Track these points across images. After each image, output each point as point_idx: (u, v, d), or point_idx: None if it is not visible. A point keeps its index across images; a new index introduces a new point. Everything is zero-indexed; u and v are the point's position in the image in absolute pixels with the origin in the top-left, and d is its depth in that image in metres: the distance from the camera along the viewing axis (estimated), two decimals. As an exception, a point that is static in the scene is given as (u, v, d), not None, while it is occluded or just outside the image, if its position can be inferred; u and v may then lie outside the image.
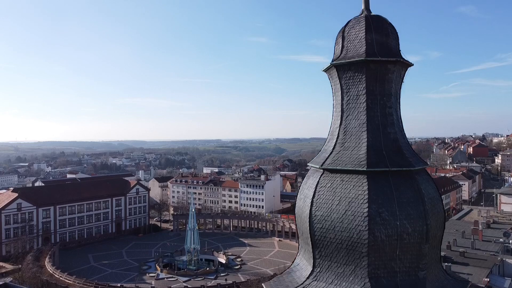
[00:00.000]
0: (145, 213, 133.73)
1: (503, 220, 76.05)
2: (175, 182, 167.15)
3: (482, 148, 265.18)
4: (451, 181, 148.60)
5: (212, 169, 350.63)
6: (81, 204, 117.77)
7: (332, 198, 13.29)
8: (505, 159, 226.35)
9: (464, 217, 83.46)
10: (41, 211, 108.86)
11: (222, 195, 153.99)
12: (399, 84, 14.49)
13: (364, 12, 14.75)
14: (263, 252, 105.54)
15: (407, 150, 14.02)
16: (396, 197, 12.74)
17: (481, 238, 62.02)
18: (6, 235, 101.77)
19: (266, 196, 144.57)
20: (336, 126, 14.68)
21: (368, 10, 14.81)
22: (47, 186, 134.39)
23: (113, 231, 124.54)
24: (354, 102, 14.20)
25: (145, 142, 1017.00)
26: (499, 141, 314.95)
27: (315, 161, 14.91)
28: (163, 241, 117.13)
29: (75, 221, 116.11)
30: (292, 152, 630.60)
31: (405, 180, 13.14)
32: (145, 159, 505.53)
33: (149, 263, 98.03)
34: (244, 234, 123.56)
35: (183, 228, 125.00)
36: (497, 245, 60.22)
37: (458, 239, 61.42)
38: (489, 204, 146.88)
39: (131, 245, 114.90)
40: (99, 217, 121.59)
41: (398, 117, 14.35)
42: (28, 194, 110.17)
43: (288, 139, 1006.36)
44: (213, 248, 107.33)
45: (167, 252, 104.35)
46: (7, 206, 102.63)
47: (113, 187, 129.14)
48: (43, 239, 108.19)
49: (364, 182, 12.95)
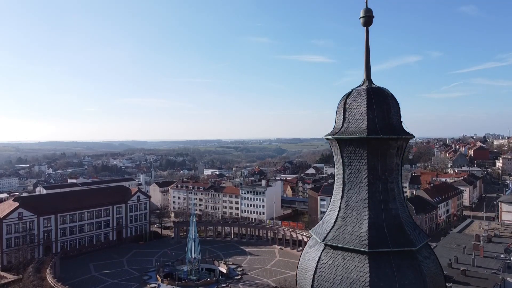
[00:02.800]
0: (146, 220, 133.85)
1: (504, 233, 75.97)
2: (176, 187, 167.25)
3: (483, 151, 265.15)
4: (452, 187, 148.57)
5: (213, 171, 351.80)
6: (82, 212, 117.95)
7: (333, 277, 13.27)
8: (506, 162, 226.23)
9: (465, 230, 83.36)
10: (42, 220, 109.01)
11: (222, 201, 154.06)
12: (400, 157, 14.47)
13: (366, 83, 14.72)
14: (263, 261, 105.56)
15: (409, 225, 13.98)
16: (397, 279, 12.71)
17: (482, 254, 61.94)
18: (7, 244, 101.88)
19: (267, 203, 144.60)
20: (337, 197, 14.67)
21: (369, 81, 14.78)
22: (48, 195, 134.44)
23: (114, 239, 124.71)
24: (355, 176, 14.17)
25: (145, 142, 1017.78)
26: (500, 143, 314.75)
27: (316, 231, 14.88)
28: (163, 249, 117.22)
29: (76, 230, 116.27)
30: (292, 153, 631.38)
31: (406, 261, 13.09)
32: (145, 160, 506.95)
33: (150, 272, 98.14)
34: (244, 242, 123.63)
35: (183, 235, 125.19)
36: (498, 262, 60.17)
37: (459, 256, 61.39)
38: (490, 209, 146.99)
39: (132, 254, 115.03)
40: (100, 225, 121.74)
41: (399, 190, 14.31)
42: (29, 203, 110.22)
43: (289, 139, 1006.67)
44: (214, 256, 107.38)
45: (168, 261, 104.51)
46: (8, 215, 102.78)
47: (114, 194, 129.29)
48: (44, 248, 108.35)
49: (365, 263, 12.92)
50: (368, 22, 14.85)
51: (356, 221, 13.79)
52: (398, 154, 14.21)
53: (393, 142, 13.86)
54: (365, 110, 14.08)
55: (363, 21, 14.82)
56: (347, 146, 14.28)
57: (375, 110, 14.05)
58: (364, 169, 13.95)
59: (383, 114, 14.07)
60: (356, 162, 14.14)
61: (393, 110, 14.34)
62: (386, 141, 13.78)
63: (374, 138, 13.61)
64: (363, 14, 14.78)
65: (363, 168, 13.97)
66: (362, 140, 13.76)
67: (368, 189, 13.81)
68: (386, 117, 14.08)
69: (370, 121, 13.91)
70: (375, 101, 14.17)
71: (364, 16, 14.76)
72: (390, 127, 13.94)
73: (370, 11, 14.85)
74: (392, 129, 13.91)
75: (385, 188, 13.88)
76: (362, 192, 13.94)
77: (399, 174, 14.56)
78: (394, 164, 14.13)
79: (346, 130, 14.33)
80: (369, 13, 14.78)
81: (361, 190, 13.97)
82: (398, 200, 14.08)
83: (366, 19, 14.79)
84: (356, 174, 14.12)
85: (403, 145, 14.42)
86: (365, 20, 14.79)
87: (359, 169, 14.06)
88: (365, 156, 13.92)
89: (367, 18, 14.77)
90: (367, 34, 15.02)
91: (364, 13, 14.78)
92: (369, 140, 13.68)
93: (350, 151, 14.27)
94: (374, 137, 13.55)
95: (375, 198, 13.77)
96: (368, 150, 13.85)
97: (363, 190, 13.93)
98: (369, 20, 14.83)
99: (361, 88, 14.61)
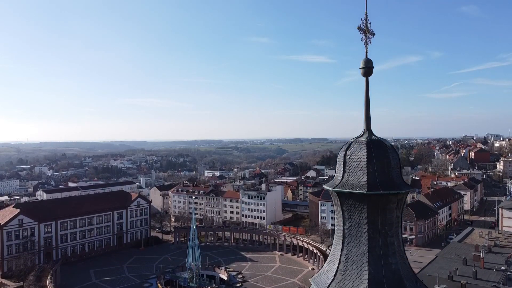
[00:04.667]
0: (146, 225, 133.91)
1: (505, 243, 75.88)
2: (176, 191, 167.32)
3: (483, 153, 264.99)
4: (453, 192, 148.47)
5: (213, 173, 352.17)
6: (83, 218, 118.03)
7: (334, 333, 13.28)
8: (507, 165, 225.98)
9: (465, 239, 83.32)
10: (43, 227, 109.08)
11: (223, 206, 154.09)
12: (400, 210, 14.44)
13: (366, 134, 14.67)
14: (264, 268, 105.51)
15: (409, 279, 13.95)
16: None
17: (482, 266, 61.87)
18: (8, 251, 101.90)
19: (268, 207, 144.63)
20: (337, 248, 14.63)
21: (369, 132, 14.74)
22: (49, 201, 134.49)
23: (114, 244, 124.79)
24: (355, 230, 14.15)
25: (146, 142, 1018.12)
26: (501, 145, 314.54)
27: (316, 281, 14.85)
28: (164, 254, 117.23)
29: (77, 236, 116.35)
30: (293, 153, 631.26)
31: (406, 318, 13.11)
32: (146, 161, 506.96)
33: (151, 280, 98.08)
34: (245, 247, 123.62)
35: (184, 240, 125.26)
36: (498, 273, 60.11)
37: (459, 267, 61.32)
38: (491, 214, 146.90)
39: (133, 260, 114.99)
40: (100, 230, 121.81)
41: (399, 242, 14.29)
42: (29, 209, 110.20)
43: (289, 140, 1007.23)
44: (214, 263, 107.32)
45: (169, 267, 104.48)
46: (8, 222, 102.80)
47: (115, 200, 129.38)
48: (45, 254, 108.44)
49: (365, 321, 12.92)
50: (368, 73, 14.81)
51: (356, 275, 13.78)
52: (398, 208, 14.20)
53: (393, 197, 13.86)
54: (365, 164, 14.06)
55: (363, 71, 14.76)
56: (347, 200, 14.27)
57: (375, 164, 14.02)
58: (364, 223, 13.95)
59: (383, 168, 14.05)
60: (356, 215, 14.14)
61: (393, 163, 14.32)
62: (386, 196, 13.77)
63: (375, 194, 13.61)
64: (363, 65, 14.71)
65: (363, 222, 13.97)
66: (362, 195, 13.75)
67: (368, 243, 13.80)
68: (386, 171, 14.06)
69: (370, 175, 13.89)
70: (375, 155, 14.13)
71: (364, 67, 14.70)
72: (391, 182, 13.92)
73: (370, 62, 14.76)
74: (392, 184, 13.89)
75: (385, 243, 13.86)
76: (362, 246, 13.93)
77: (399, 226, 14.55)
78: (394, 218, 14.12)
79: (346, 183, 14.31)
80: (369, 64, 14.71)
81: (361, 244, 13.96)
82: (398, 253, 14.07)
83: (366, 70, 14.74)
84: (356, 228, 14.12)
85: (403, 198, 14.41)
86: (364, 71, 14.74)
87: (359, 223, 14.06)
88: (365, 210, 13.91)
89: (367, 69, 14.72)
90: (367, 84, 14.96)
91: (364, 64, 14.71)
92: (369, 195, 13.68)
93: (350, 205, 14.26)
94: (375, 193, 13.56)
95: (375, 252, 13.76)
96: (368, 205, 13.84)
97: (363, 245, 13.92)
98: (369, 71, 14.78)
99: (361, 140, 14.57)
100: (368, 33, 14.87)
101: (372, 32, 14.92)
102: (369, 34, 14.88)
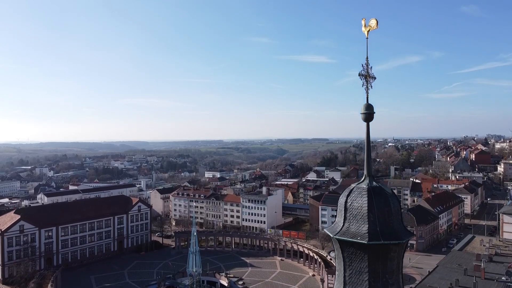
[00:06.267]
0: (147, 230, 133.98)
1: (506, 251, 75.83)
2: (177, 195, 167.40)
3: (484, 155, 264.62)
4: (453, 196, 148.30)
5: (214, 174, 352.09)
6: (84, 224, 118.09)
7: None
8: (508, 167, 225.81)
9: (466, 247, 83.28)
10: (44, 232, 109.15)
11: (223, 210, 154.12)
12: (401, 257, 14.41)
13: (367, 180, 14.63)
14: (265, 274, 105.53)
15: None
16: None
17: (483, 276, 61.84)
18: (9, 257, 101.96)
19: (268, 211, 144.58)
20: (339, 296, 14.59)
21: (370, 177, 14.68)
22: (49, 205, 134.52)
23: (115, 249, 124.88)
24: (356, 278, 14.12)
25: (147, 142, 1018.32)
26: (501, 146, 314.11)
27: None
28: (165, 260, 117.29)
29: (78, 241, 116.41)
30: (293, 154, 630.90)
31: None
32: (146, 162, 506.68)
33: (151, 286, 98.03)
34: (245, 252, 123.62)
35: (185, 245, 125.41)
36: (499, 284, 60.10)
37: (460, 278, 61.29)
38: (492, 217, 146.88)
39: (133, 265, 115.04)
40: (101, 235, 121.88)
41: (400, 289, 14.27)
42: (30, 215, 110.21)
43: (290, 140, 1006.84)
44: (214, 268, 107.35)
45: (169, 273, 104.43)
46: (9, 228, 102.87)
47: (115, 205, 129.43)
48: (46, 260, 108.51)
49: None
50: (369, 119, 14.74)
51: (357, 324, 13.75)
52: (399, 256, 14.16)
53: (394, 247, 13.83)
54: (366, 212, 14.02)
55: (364, 117, 14.66)
56: (348, 247, 14.23)
57: (375, 212, 13.98)
58: (365, 271, 13.91)
59: (384, 216, 14.00)
60: (357, 264, 14.10)
61: (394, 211, 14.26)
62: (387, 246, 13.74)
63: (375, 244, 13.59)
64: (364, 110, 14.60)
65: (364, 271, 13.93)
66: (364, 245, 13.73)
67: (369, 292, 13.78)
68: (387, 219, 14.01)
69: (371, 224, 13.85)
70: (376, 202, 14.09)
71: (365, 113, 14.62)
72: (391, 231, 13.87)
73: (371, 107, 14.65)
74: (393, 233, 13.84)
75: (386, 291, 13.84)
76: (363, 294, 13.91)
77: (399, 273, 14.52)
78: (395, 266, 14.07)
79: (347, 231, 14.28)
80: (370, 110, 14.60)
81: (362, 293, 13.94)
82: (399, 301, 14.05)
83: (367, 116, 14.65)
84: (357, 276, 14.08)
85: (403, 246, 14.38)
86: (365, 116, 14.65)
87: (360, 271, 14.02)
88: (365, 259, 13.88)
89: (367, 115, 14.63)
90: (367, 129, 14.89)
91: (365, 109, 14.61)
92: (370, 245, 13.66)
93: (351, 252, 14.22)
94: (375, 244, 13.54)
95: (376, 301, 13.74)
96: (369, 254, 13.80)
97: (364, 293, 13.89)
98: (370, 116, 14.69)
99: (362, 187, 14.51)
100: (369, 77, 14.80)
101: (373, 77, 14.86)
102: (370, 79, 14.81)
